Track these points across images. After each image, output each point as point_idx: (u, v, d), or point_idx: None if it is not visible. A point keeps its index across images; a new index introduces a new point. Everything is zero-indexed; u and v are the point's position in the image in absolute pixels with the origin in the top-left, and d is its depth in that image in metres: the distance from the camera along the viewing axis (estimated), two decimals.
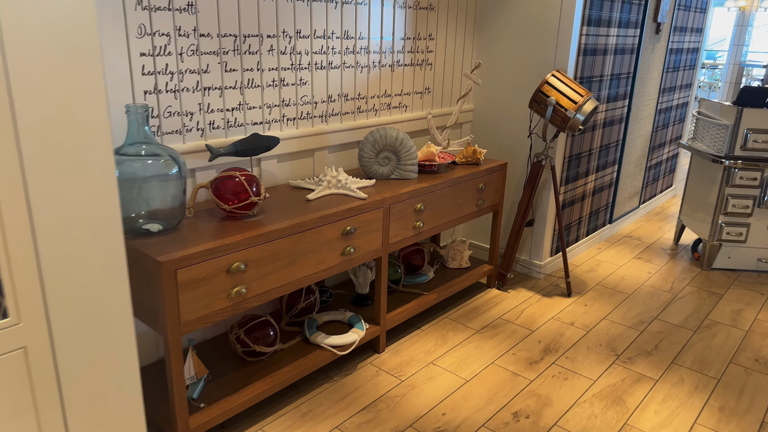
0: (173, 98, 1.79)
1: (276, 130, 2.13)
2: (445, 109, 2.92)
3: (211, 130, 1.92)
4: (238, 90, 1.97)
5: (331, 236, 1.89)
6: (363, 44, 2.37)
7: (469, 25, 2.91)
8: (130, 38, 1.65)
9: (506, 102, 2.95)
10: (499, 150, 3.03)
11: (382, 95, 2.54)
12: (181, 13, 1.74)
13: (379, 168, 2.30)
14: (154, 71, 1.72)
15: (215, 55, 1.87)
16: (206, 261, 1.53)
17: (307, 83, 2.19)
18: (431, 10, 2.65)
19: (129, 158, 1.54)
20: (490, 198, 2.66)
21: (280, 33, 2.04)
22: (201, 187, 1.75)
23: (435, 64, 2.78)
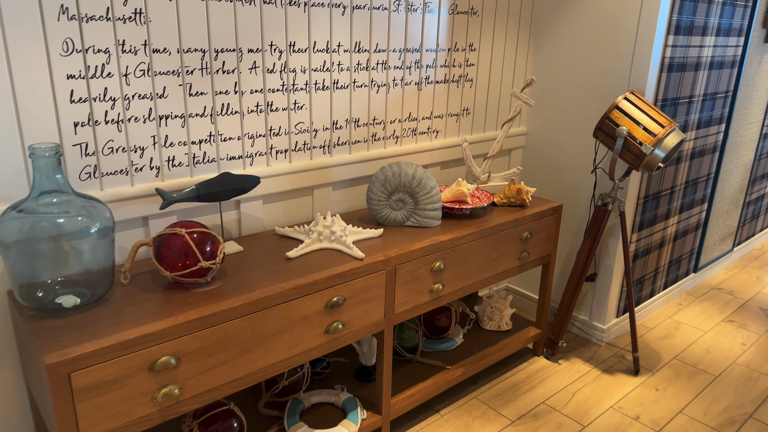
0: (116, 131, 1.42)
1: (261, 165, 1.73)
2: (489, 133, 2.41)
3: (170, 168, 1.54)
4: (208, 118, 1.57)
5: (310, 311, 1.45)
6: (380, 58, 1.92)
7: (524, 33, 2.38)
8: (52, 57, 1.28)
9: (566, 128, 2.40)
10: (554, 186, 2.49)
11: (406, 119, 2.08)
12: (125, 23, 1.37)
13: (391, 213, 1.84)
14: (88, 98, 1.35)
15: (175, 75, 1.48)
16: (117, 358, 1.14)
17: (304, 107, 1.77)
18: (473, 15, 2.16)
19: (31, 216, 1.17)
20: (538, 249, 2.13)
21: (267, 47, 1.63)
22: (142, 245, 1.37)
23: (477, 81, 2.28)
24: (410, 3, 1.93)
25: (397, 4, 1.90)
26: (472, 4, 2.14)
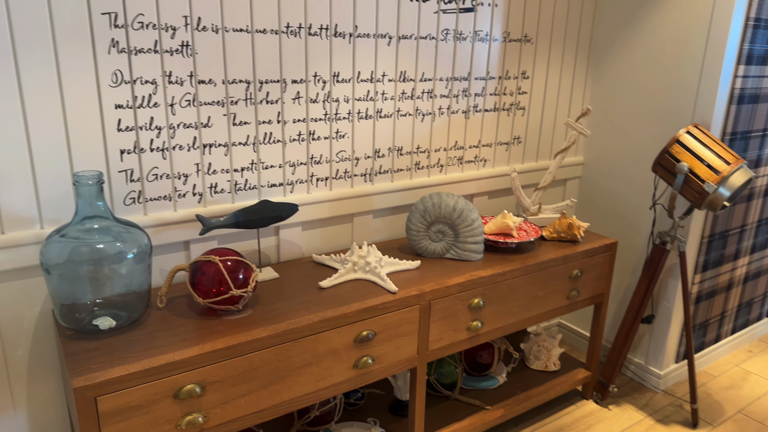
0: (161, 158, 1.47)
1: (302, 193, 1.74)
2: (542, 162, 2.33)
3: (212, 194, 1.58)
4: (251, 147, 1.60)
5: (338, 344, 1.43)
6: (426, 87, 1.89)
7: (581, 62, 2.29)
8: (102, 88, 1.35)
9: (625, 160, 2.28)
10: (610, 220, 2.36)
11: (452, 147, 2.04)
12: (173, 55, 1.42)
13: (430, 244, 1.80)
14: (134, 126, 1.41)
15: (219, 105, 1.52)
16: (143, 384, 1.16)
17: (346, 136, 1.77)
18: (527, 43, 2.10)
19: (73, 241, 1.22)
20: (590, 287, 2.02)
21: (311, 77, 1.65)
22: (179, 269, 1.40)
23: (529, 109, 2.21)
24: (459, 32, 1.90)
25: (446, 34, 1.87)
26: (526, 31, 2.08)
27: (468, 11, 1.90)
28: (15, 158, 1.28)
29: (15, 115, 1.26)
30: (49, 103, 1.29)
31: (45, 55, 1.26)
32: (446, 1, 1.84)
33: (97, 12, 1.29)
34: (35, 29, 1.24)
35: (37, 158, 1.30)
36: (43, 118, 1.29)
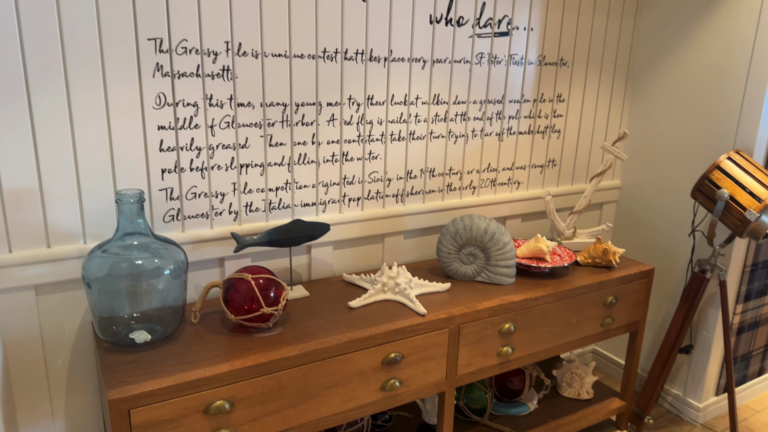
0: (200, 177, 1.52)
1: (334, 212, 1.76)
2: (578, 186, 2.30)
3: (247, 212, 1.61)
4: (286, 167, 1.64)
5: (366, 365, 1.44)
6: (460, 110, 1.90)
7: (619, 85, 2.27)
8: (146, 110, 1.40)
9: (663, 185, 2.23)
10: (647, 246, 2.31)
11: (485, 169, 2.04)
12: (214, 79, 1.47)
13: (460, 267, 1.79)
14: (175, 147, 1.46)
15: (257, 127, 1.56)
16: (175, 399, 1.19)
17: (379, 157, 1.79)
18: (563, 66, 2.09)
19: (113, 256, 1.27)
20: (625, 315, 1.97)
21: (345, 100, 1.68)
22: (213, 286, 1.43)
23: (565, 132, 2.19)
24: (494, 56, 1.91)
25: (480, 57, 1.88)
26: (562, 55, 2.08)
27: (503, 35, 1.91)
28: (63, 176, 1.34)
29: (64, 135, 1.32)
30: (96, 124, 1.35)
31: (93, 78, 1.32)
32: (481, 25, 1.85)
33: (144, 38, 1.36)
34: (86, 54, 1.30)
35: (83, 176, 1.37)
36: (89, 138, 1.35)
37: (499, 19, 1.89)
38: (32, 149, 1.30)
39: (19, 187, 1.30)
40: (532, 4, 1.94)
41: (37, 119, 1.29)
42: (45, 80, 1.28)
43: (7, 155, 1.28)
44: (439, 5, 1.76)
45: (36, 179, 1.32)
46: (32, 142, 1.30)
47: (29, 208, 1.32)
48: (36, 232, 1.34)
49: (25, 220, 1.33)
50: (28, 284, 1.35)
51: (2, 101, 1.25)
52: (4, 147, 1.27)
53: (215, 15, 1.43)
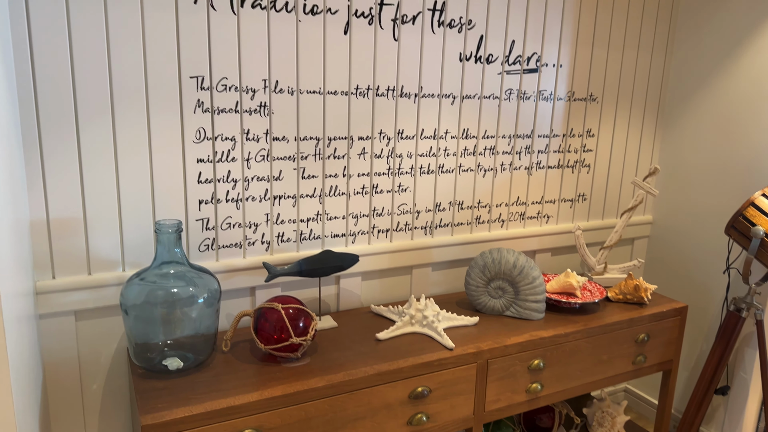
0: (234, 208, 1.56)
1: (362, 244, 1.78)
2: (608, 220, 2.28)
3: (279, 243, 1.65)
4: (317, 199, 1.68)
5: (393, 399, 1.43)
6: (489, 144, 1.93)
7: (649, 120, 2.26)
8: (187, 143, 1.47)
9: (696, 221, 2.20)
10: (680, 282, 2.26)
11: (514, 203, 2.04)
12: (251, 115, 1.53)
13: (489, 300, 1.79)
14: (213, 179, 1.52)
15: (290, 160, 1.61)
16: (204, 426, 1.21)
17: (408, 190, 1.82)
18: (592, 102, 2.11)
19: (150, 284, 1.32)
20: (657, 353, 1.92)
21: (376, 134, 1.72)
22: (244, 315, 1.47)
23: (595, 166, 2.19)
24: (523, 92, 1.94)
25: (509, 93, 1.91)
26: (592, 91, 2.09)
27: (532, 72, 1.94)
28: (106, 206, 1.40)
29: (109, 167, 1.39)
30: (139, 157, 1.42)
31: (138, 113, 1.39)
32: (510, 62, 1.89)
33: (187, 76, 1.42)
34: (132, 91, 1.38)
35: (124, 206, 1.43)
36: (132, 170, 1.42)
37: (528, 57, 1.92)
38: (78, 180, 1.37)
39: (65, 216, 1.37)
40: (561, 41, 1.96)
41: (85, 152, 1.36)
42: (94, 115, 1.35)
43: (56, 186, 1.34)
44: (469, 44, 1.80)
45: (81, 209, 1.38)
46: (79, 174, 1.36)
47: (73, 237, 1.38)
48: (78, 259, 1.40)
49: (68, 248, 1.39)
50: (68, 310, 1.40)
51: (54, 135, 1.32)
52: (54, 178, 1.34)
53: (255, 55, 1.49)
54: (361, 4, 1.60)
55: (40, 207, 1.34)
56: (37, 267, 1.37)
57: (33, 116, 1.30)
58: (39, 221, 1.35)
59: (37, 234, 1.35)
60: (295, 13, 1.52)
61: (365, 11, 1.61)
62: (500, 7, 1.82)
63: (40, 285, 1.36)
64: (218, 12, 1.43)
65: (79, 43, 1.30)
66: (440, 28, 1.74)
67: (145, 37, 1.36)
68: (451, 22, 1.75)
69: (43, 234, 1.35)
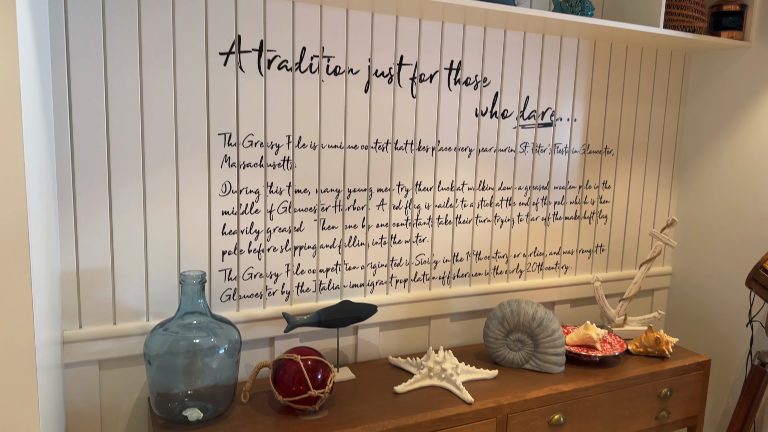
0: (256, 259, 1.60)
1: (381, 294, 1.80)
2: (627, 271, 2.27)
3: (298, 293, 1.68)
4: (336, 249, 1.71)
5: None
6: (505, 195, 1.96)
7: (665, 171, 2.28)
8: (213, 197, 1.52)
9: (717, 272, 2.18)
10: (702, 336, 2.22)
11: (531, 253, 2.05)
12: (275, 169, 1.59)
13: (508, 353, 1.78)
14: (236, 230, 1.56)
15: (311, 211, 1.66)
16: None
17: (426, 240, 1.85)
18: (608, 154, 2.14)
19: (173, 334, 1.34)
20: (681, 408, 1.88)
21: (395, 186, 1.77)
22: (263, 366, 1.48)
23: (612, 217, 2.20)
24: (538, 145, 1.98)
25: (524, 147, 1.95)
26: (607, 143, 2.13)
27: (547, 126, 1.99)
28: (134, 257, 1.45)
29: (138, 220, 1.44)
30: (167, 210, 1.47)
31: (168, 169, 1.46)
32: (525, 117, 1.94)
33: (215, 133, 1.49)
34: (163, 148, 1.44)
35: (151, 258, 1.47)
36: (160, 222, 1.47)
37: (543, 111, 1.97)
38: (108, 233, 1.42)
39: (94, 267, 1.41)
40: (575, 96, 2.02)
41: (116, 206, 1.42)
42: (126, 171, 1.42)
43: (87, 238, 1.40)
44: (485, 100, 1.86)
45: (110, 260, 1.43)
46: (109, 226, 1.42)
47: (101, 287, 1.43)
48: (105, 309, 1.44)
49: (96, 298, 1.43)
50: (93, 359, 1.43)
51: (87, 190, 1.38)
52: (86, 230, 1.39)
53: (280, 112, 1.56)
54: (381, 65, 1.68)
55: (71, 258, 1.39)
56: (66, 316, 1.41)
57: (69, 173, 1.36)
58: (69, 272, 1.39)
59: (67, 284, 1.40)
60: (319, 74, 1.60)
61: (385, 71, 1.69)
62: (514, 65, 1.89)
63: (67, 334, 1.39)
64: (246, 73, 1.51)
65: (115, 103, 1.38)
66: (456, 86, 1.80)
67: (177, 96, 1.44)
68: (467, 80, 1.82)
69: (73, 284, 1.40)
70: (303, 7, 1.55)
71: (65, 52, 1.32)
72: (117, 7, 1.36)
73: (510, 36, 1.86)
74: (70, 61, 1.33)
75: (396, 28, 1.69)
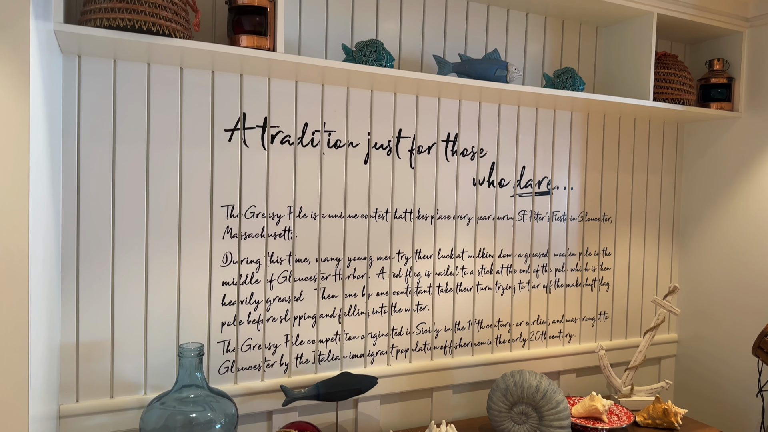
0: (255, 330, 1.60)
1: (381, 364, 1.78)
2: (632, 339, 2.24)
3: (297, 364, 1.66)
4: (336, 318, 1.71)
5: None
6: (505, 263, 1.97)
7: (665, 237, 2.30)
8: (214, 268, 1.54)
9: (723, 340, 2.15)
10: (712, 406, 2.16)
11: (534, 322, 2.04)
12: (276, 239, 1.61)
13: (513, 426, 1.73)
14: (236, 301, 1.57)
15: (311, 280, 1.67)
16: None
17: (427, 308, 1.84)
18: (606, 221, 2.16)
19: (170, 408, 1.33)
20: None
21: (394, 254, 1.78)
22: None
23: (614, 285, 2.19)
24: (536, 212, 2.01)
25: (522, 214, 1.98)
26: (605, 211, 2.15)
27: (544, 194, 2.03)
28: (133, 330, 1.46)
29: (139, 292, 1.46)
30: (169, 282, 1.49)
31: (171, 241, 1.49)
32: (522, 186, 1.98)
33: (218, 205, 1.53)
34: (167, 221, 1.48)
35: (150, 330, 1.48)
36: (161, 294, 1.48)
37: (539, 180, 2.01)
38: (110, 305, 1.43)
39: (94, 340, 1.42)
40: (571, 165, 2.07)
41: (118, 279, 1.44)
42: (129, 245, 1.45)
43: (89, 309, 1.41)
44: (482, 170, 1.91)
45: (109, 332, 1.43)
46: (111, 299, 1.43)
47: (100, 360, 1.42)
48: (103, 382, 1.43)
49: (94, 371, 1.42)
50: None
51: (91, 263, 1.41)
52: (87, 303, 1.41)
53: (282, 184, 1.61)
54: (380, 138, 1.74)
55: (72, 331, 1.40)
56: (63, 390, 1.39)
57: (74, 247, 1.40)
58: (69, 345, 1.40)
59: (66, 357, 1.39)
60: (320, 147, 1.66)
61: (384, 143, 1.75)
62: (510, 136, 1.95)
63: (63, 408, 1.38)
64: (250, 148, 1.57)
65: (122, 179, 1.43)
66: (454, 157, 1.86)
67: (182, 171, 1.49)
68: (464, 151, 1.87)
69: (72, 358, 1.40)
70: (306, 86, 1.63)
71: (76, 131, 1.39)
72: (128, 88, 1.43)
73: (504, 109, 1.94)
74: (80, 138, 1.39)
75: (394, 104, 1.76)
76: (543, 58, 2.01)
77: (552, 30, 2.01)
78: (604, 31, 2.10)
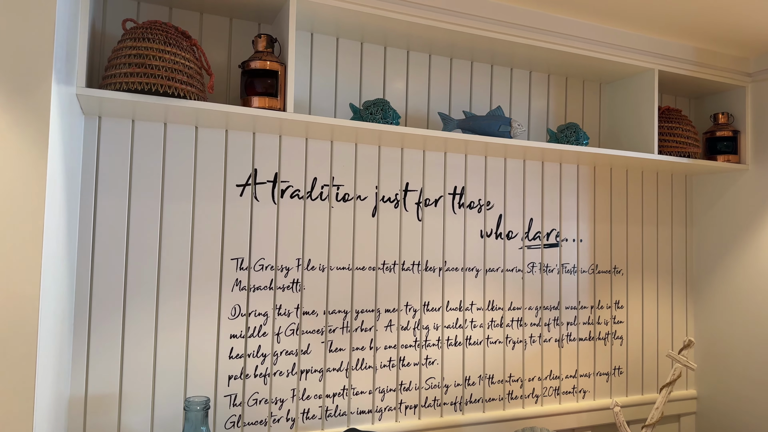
0: (262, 384, 1.59)
1: (389, 421, 1.75)
2: (649, 395, 2.17)
3: (304, 420, 1.64)
4: (344, 372, 1.70)
5: None
6: (515, 316, 1.95)
7: (679, 290, 2.26)
8: (222, 320, 1.56)
9: (743, 394, 2.07)
10: None
11: (547, 377, 1.99)
12: (284, 291, 1.63)
13: None
14: (244, 354, 1.58)
15: (319, 333, 1.67)
16: None
17: (436, 362, 1.82)
18: (617, 274, 2.14)
19: None
20: None
21: (402, 307, 1.78)
22: None
23: (628, 339, 2.15)
24: (545, 265, 2.01)
25: (531, 267, 1.98)
26: (615, 263, 2.14)
27: (553, 246, 2.03)
28: (142, 383, 1.46)
29: (148, 346, 1.48)
30: (178, 336, 1.50)
31: (181, 295, 1.51)
32: (530, 238, 1.99)
33: (228, 258, 1.57)
34: (178, 275, 1.51)
35: (159, 383, 1.48)
36: (170, 348, 1.50)
37: (548, 232, 2.02)
38: (119, 359, 1.45)
39: (102, 392, 1.43)
40: (579, 218, 2.07)
41: (128, 333, 1.46)
42: (141, 299, 1.47)
43: (99, 362, 1.43)
44: (489, 222, 1.93)
45: (118, 385, 1.44)
46: (120, 353, 1.45)
47: (108, 413, 1.43)
48: None
49: (101, 424, 1.42)
50: None
51: (102, 317, 1.44)
52: (97, 356, 1.43)
53: (290, 237, 1.64)
54: (387, 191, 1.78)
55: (81, 384, 1.41)
56: None
57: (87, 299, 1.43)
58: (78, 397, 1.40)
59: (74, 410, 1.40)
60: (329, 201, 1.70)
61: (391, 197, 1.78)
62: (516, 189, 1.97)
63: None
64: (260, 202, 1.61)
65: (136, 232, 1.48)
66: (461, 209, 1.88)
67: (194, 225, 1.54)
68: (471, 204, 1.90)
69: (80, 411, 1.40)
70: (315, 142, 1.69)
71: (94, 186, 1.44)
72: (145, 146, 1.50)
73: (510, 163, 1.97)
74: (97, 193, 1.45)
75: (401, 159, 1.81)
76: (547, 113, 2.05)
77: (555, 86, 2.07)
78: (608, 87, 2.16)
